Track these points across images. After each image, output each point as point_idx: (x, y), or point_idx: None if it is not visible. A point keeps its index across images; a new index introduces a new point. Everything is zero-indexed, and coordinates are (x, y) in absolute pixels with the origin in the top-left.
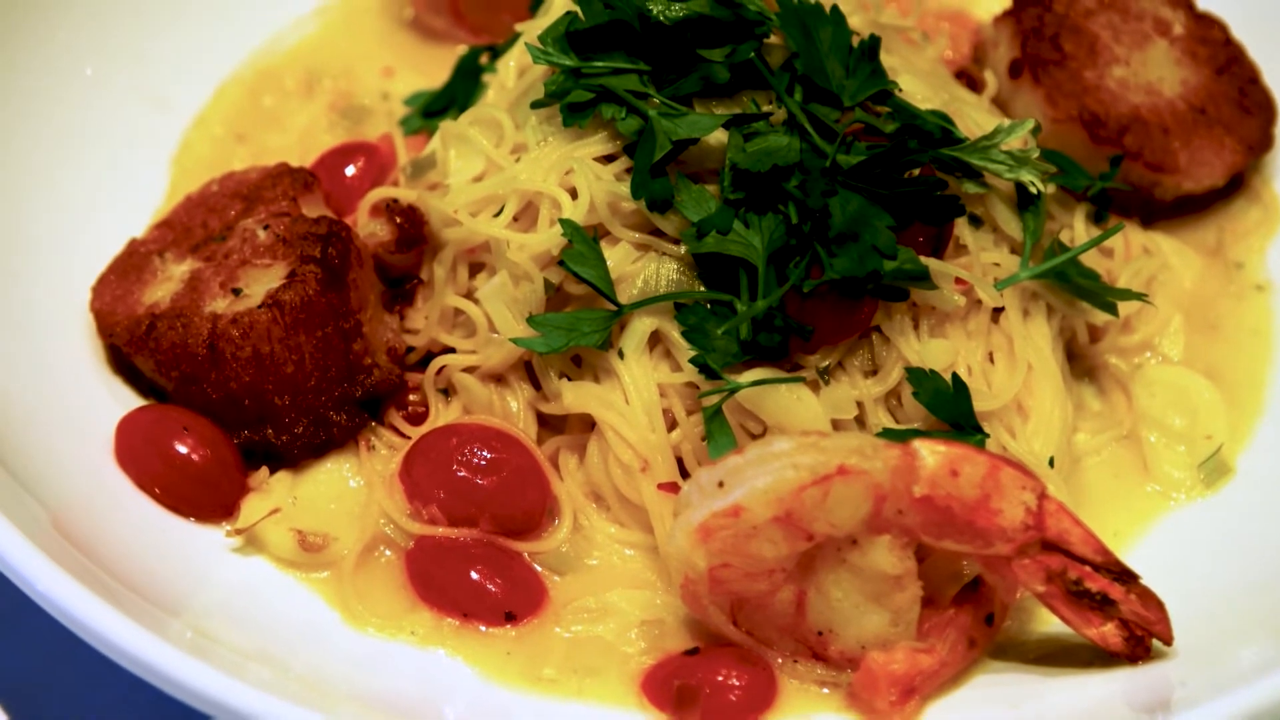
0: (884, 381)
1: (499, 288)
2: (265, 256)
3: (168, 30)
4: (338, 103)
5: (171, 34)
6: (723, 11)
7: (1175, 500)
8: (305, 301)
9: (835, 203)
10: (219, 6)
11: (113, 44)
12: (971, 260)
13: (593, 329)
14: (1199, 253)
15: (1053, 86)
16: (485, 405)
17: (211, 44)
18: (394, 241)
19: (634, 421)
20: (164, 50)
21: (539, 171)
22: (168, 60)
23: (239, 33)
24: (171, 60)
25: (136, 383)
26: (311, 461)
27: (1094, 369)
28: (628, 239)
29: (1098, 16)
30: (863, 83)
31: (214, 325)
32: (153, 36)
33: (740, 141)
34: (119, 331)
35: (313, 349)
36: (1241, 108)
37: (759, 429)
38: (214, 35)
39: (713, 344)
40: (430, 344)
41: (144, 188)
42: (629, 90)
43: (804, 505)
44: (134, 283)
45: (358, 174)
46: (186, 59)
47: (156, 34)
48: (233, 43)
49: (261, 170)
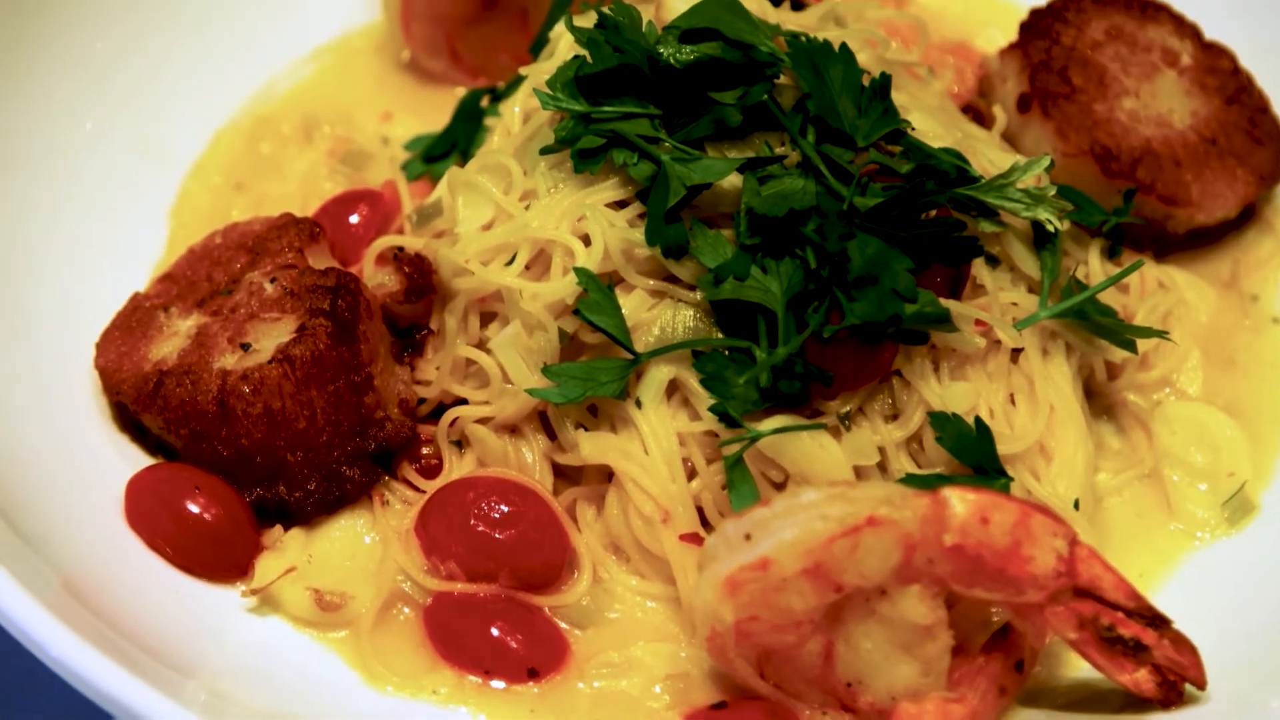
0: (906, 426)
1: (512, 338)
2: (273, 310)
3: (162, 76)
4: (337, 149)
5: (166, 80)
6: (734, 54)
7: (1200, 539)
8: (316, 356)
9: (853, 246)
10: (212, 51)
11: (110, 95)
12: (990, 300)
13: (610, 379)
14: (1213, 285)
15: (1063, 120)
16: (500, 457)
17: (206, 89)
18: (403, 292)
19: (654, 472)
20: (158, 97)
21: (551, 219)
22: (162, 108)
23: (234, 78)
24: (166, 108)
25: (144, 440)
26: (325, 518)
27: (1112, 406)
28: (643, 286)
29: (1105, 48)
30: (876, 122)
31: (224, 382)
32: (147, 83)
33: (755, 185)
34: (125, 389)
35: (324, 404)
36: (1252, 138)
37: (780, 477)
38: (208, 80)
39: (732, 392)
40: (442, 395)
41: (142, 240)
42: (640, 135)
43: (833, 557)
44: (139, 339)
45: (361, 222)
46: (181, 106)
47: (151, 81)
48: (228, 88)
49: (265, 221)
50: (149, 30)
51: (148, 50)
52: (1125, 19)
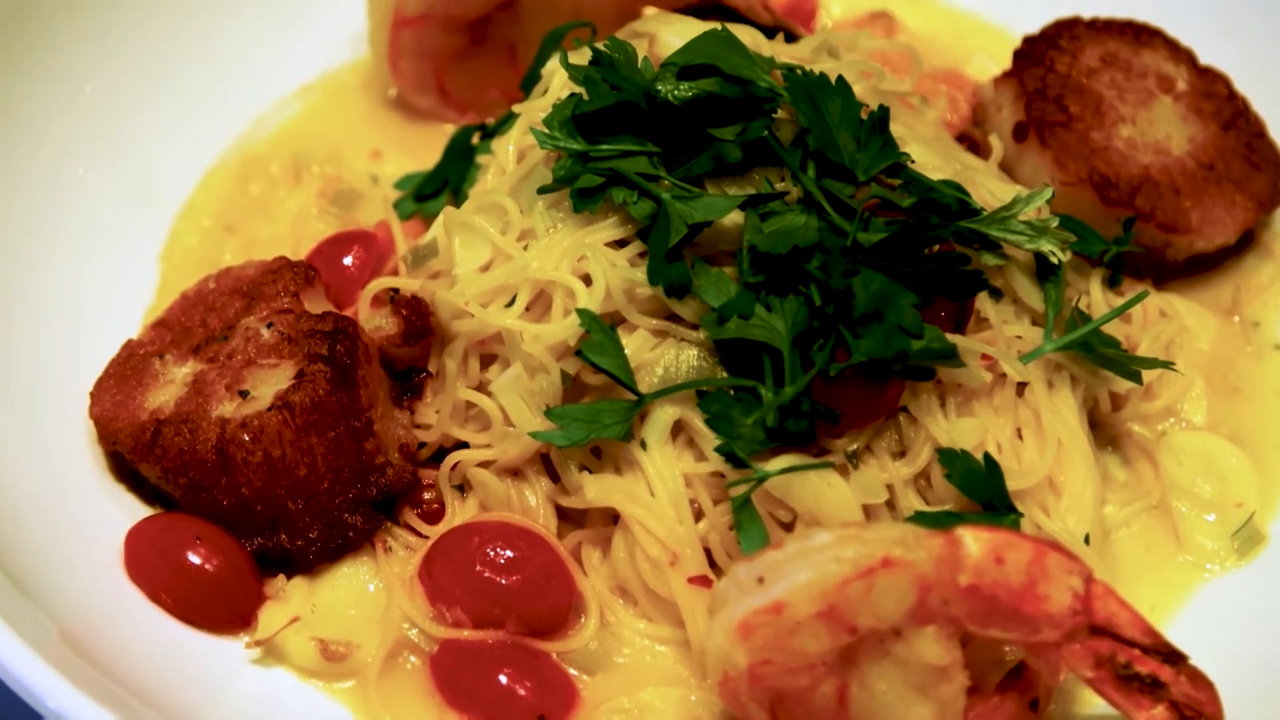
0: (913, 463)
1: (514, 380)
2: (271, 356)
3: (149, 117)
4: (327, 189)
5: (153, 121)
6: (733, 89)
7: (1210, 571)
8: (316, 402)
9: (858, 282)
10: (198, 90)
11: (99, 138)
12: (995, 334)
13: (614, 420)
14: (1214, 313)
15: (1060, 149)
16: (503, 500)
17: (193, 130)
18: (400, 335)
19: (661, 514)
20: (146, 139)
21: (551, 259)
22: (150, 149)
23: (221, 117)
24: (154, 149)
25: (141, 490)
26: (327, 566)
27: (1117, 437)
28: (645, 326)
29: (1101, 75)
30: (875, 156)
31: (223, 430)
32: (135, 125)
33: (757, 222)
34: (122, 439)
35: (325, 450)
36: (1250, 163)
37: (788, 517)
38: (195, 120)
39: (738, 431)
40: (442, 439)
41: (133, 284)
42: (639, 173)
43: (848, 599)
44: (134, 387)
45: (356, 264)
46: (169, 147)
47: (139, 122)
48: (215, 128)
49: (259, 265)
50: (135, 70)
51: (135, 91)
52: (1120, 45)
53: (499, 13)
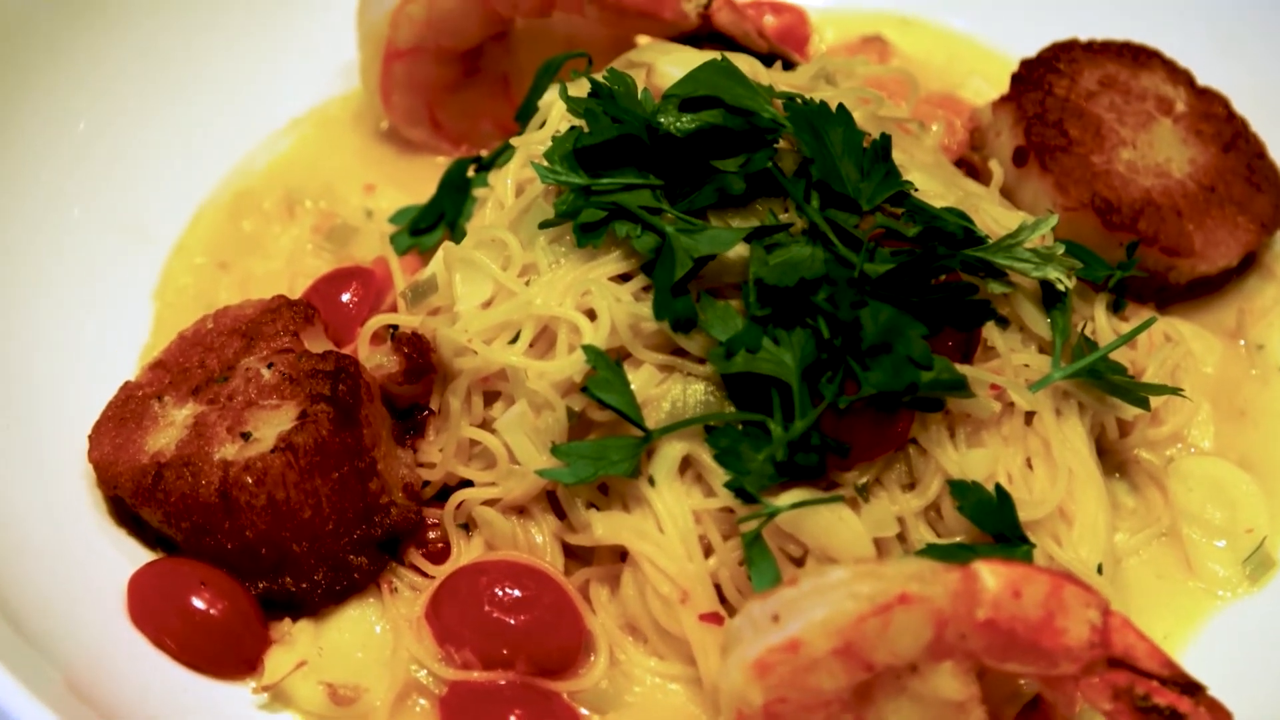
0: (924, 495)
1: (519, 417)
2: (272, 397)
3: (140, 154)
4: (321, 224)
5: (144, 158)
6: (736, 121)
7: (1222, 598)
8: (319, 443)
9: (866, 314)
10: (189, 126)
11: (92, 177)
12: (1003, 363)
13: (622, 457)
14: (1218, 336)
15: (1061, 174)
16: (509, 539)
17: (184, 166)
18: (402, 373)
19: (671, 551)
20: (137, 176)
21: (554, 295)
22: (142, 187)
23: (212, 153)
24: (145, 186)
25: (143, 534)
26: (333, 608)
27: (1124, 464)
28: (651, 361)
29: (1100, 98)
30: (879, 185)
31: (225, 473)
32: (126, 162)
33: (762, 254)
34: (123, 483)
35: (329, 492)
36: (1251, 184)
37: (799, 552)
38: (186, 156)
39: (748, 466)
40: (446, 477)
41: (128, 325)
42: (642, 206)
43: (864, 636)
44: (134, 430)
45: (354, 300)
46: (160, 184)
47: (129, 159)
48: (206, 164)
49: (257, 304)
50: (126, 108)
51: (126, 129)
52: (1118, 67)
53: (491, 43)
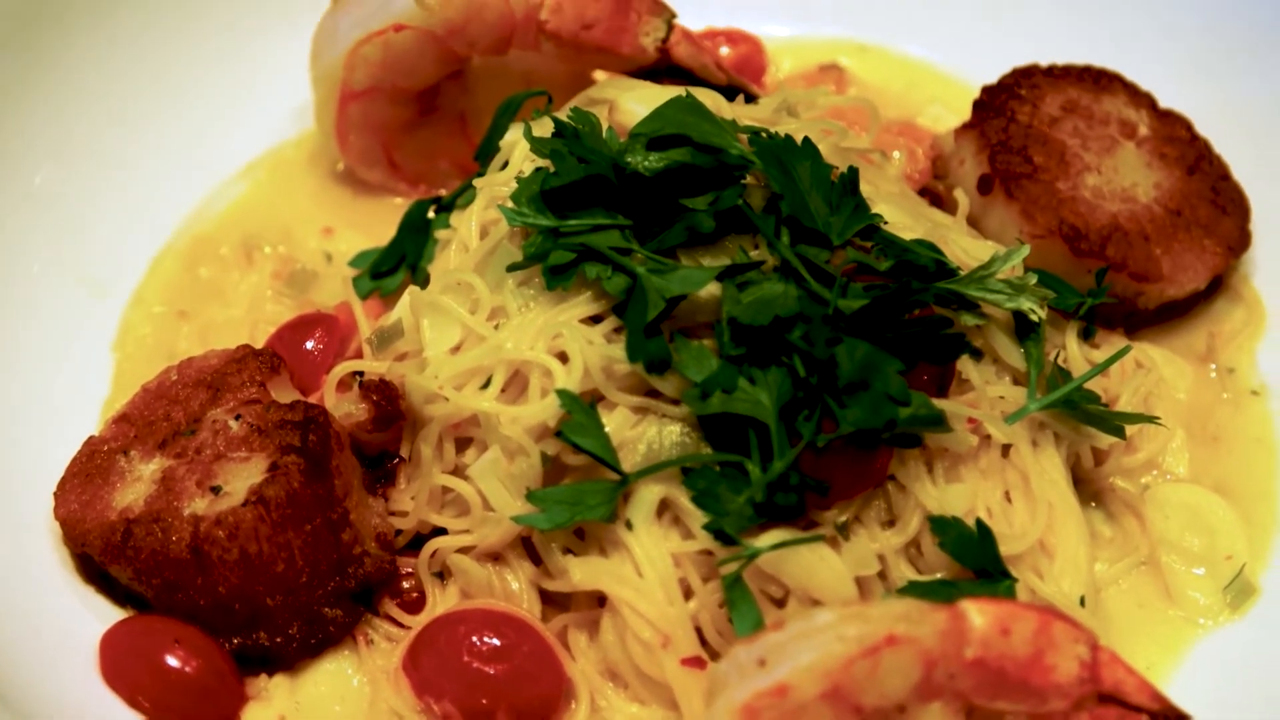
0: (904, 532)
1: (492, 464)
2: (241, 449)
3: (94, 205)
4: (281, 270)
5: (98, 208)
6: (704, 158)
7: (1204, 626)
8: (291, 495)
9: (842, 351)
10: (142, 173)
11: (51, 232)
12: (978, 395)
13: (599, 501)
14: (1189, 361)
15: (1028, 201)
16: (484, 587)
17: (139, 215)
18: (371, 421)
19: (650, 596)
20: (92, 227)
21: (525, 338)
22: (96, 237)
23: (166, 201)
24: (100, 237)
25: (112, 591)
26: (309, 662)
27: (1100, 493)
28: (625, 403)
29: (1063, 124)
30: (848, 219)
31: (196, 528)
32: (81, 214)
33: (735, 293)
34: (91, 540)
35: (302, 544)
36: (1216, 206)
37: (780, 593)
38: (141, 205)
39: (726, 508)
40: (419, 525)
41: (88, 378)
42: (612, 247)
43: (853, 678)
44: (100, 486)
45: (318, 348)
46: (115, 233)
47: (84, 211)
48: (160, 211)
49: (222, 355)
50: (80, 158)
51: (81, 180)
52: (1080, 92)
53: (447, 82)
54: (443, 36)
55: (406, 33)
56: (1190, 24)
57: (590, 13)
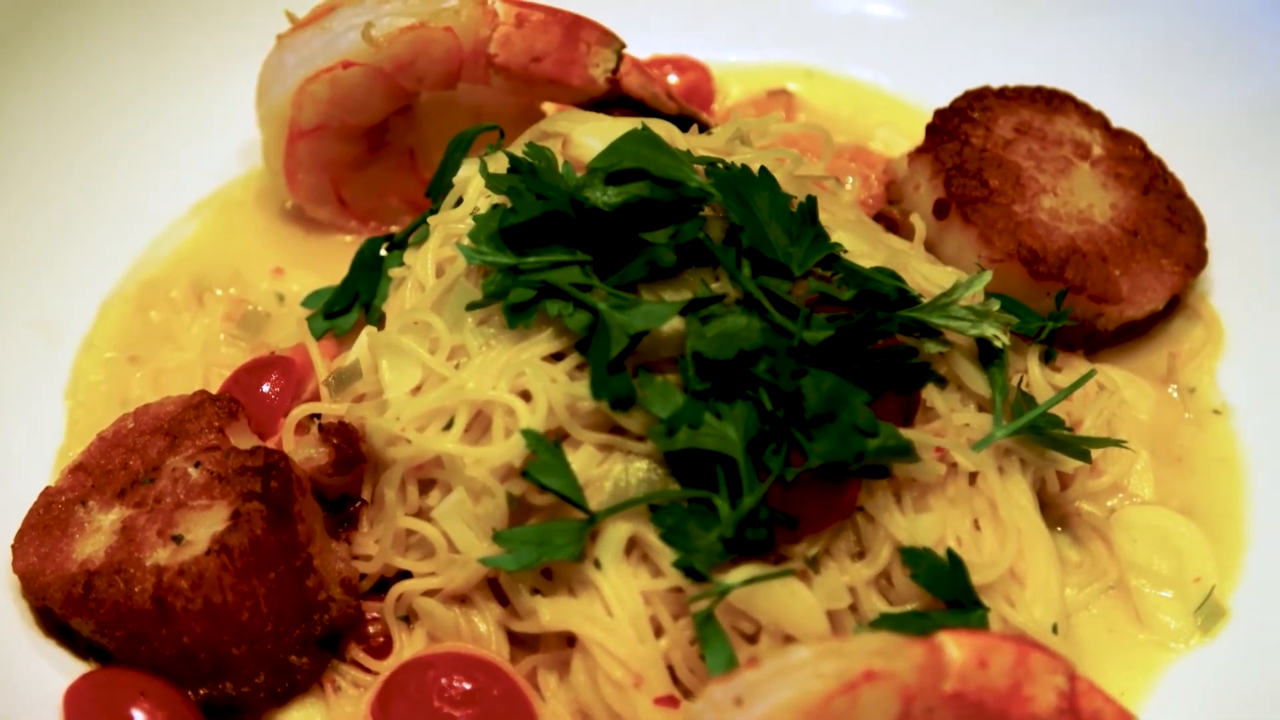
0: (874, 563)
1: (457, 505)
2: (202, 497)
3: (41, 250)
4: (233, 312)
5: (45, 253)
6: (663, 192)
7: (1175, 650)
8: (254, 542)
9: (808, 383)
10: (87, 217)
11: None
12: (944, 423)
13: (566, 541)
14: (1150, 381)
15: (985, 225)
16: (451, 629)
17: (86, 260)
18: (332, 464)
19: (621, 635)
20: (38, 275)
21: (487, 378)
22: (45, 284)
23: (113, 245)
24: (48, 283)
25: (73, 644)
26: (277, 710)
27: (1066, 517)
28: (590, 441)
29: (1017, 146)
30: (809, 249)
31: (159, 578)
32: (27, 262)
33: (699, 327)
34: (51, 593)
35: (267, 592)
36: (1173, 225)
37: (752, 629)
38: (88, 249)
39: (696, 544)
40: (384, 569)
41: (41, 427)
42: (573, 283)
43: (832, 715)
44: (59, 538)
45: (274, 391)
46: (62, 280)
47: (29, 259)
48: (108, 256)
49: (178, 401)
50: (23, 204)
51: (25, 226)
52: (1032, 113)
53: (396, 118)
54: (391, 72)
55: (354, 69)
56: (1133, 43)
57: (539, 45)
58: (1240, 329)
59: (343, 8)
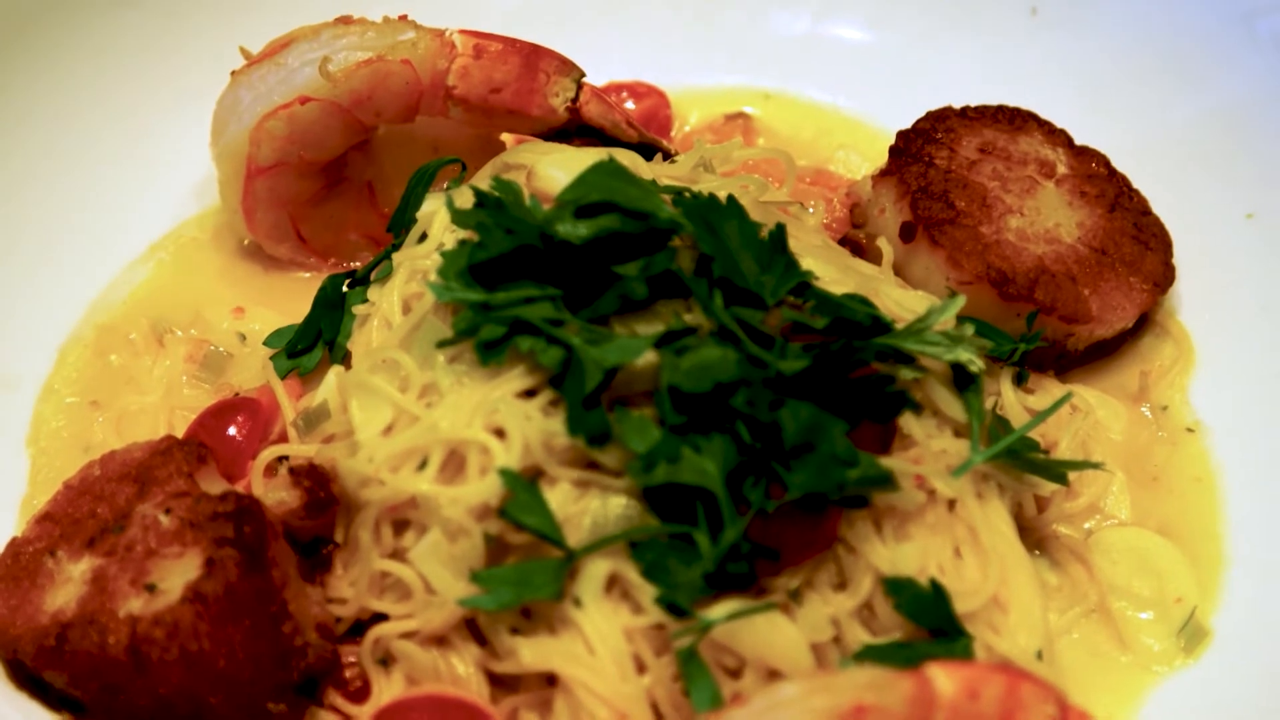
0: (856, 594)
1: (434, 546)
2: (174, 544)
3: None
4: (194, 353)
5: None
6: (634, 224)
7: (1159, 672)
8: (229, 589)
9: (785, 414)
10: (42, 261)
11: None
12: (921, 450)
13: (545, 580)
14: (1122, 400)
15: (953, 247)
16: (430, 671)
17: (43, 304)
18: (304, 507)
19: (604, 673)
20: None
21: (461, 416)
22: (2, 329)
23: (69, 288)
24: (5, 329)
25: (45, 696)
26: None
27: (1043, 540)
28: (566, 478)
29: (982, 166)
30: (780, 277)
31: (134, 629)
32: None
33: (674, 360)
34: (23, 646)
35: (243, 639)
36: (1140, 242)
37: (735, 663)
38: (44, 294)
39: (677, 580)
40: (359, 612)
41: (4, 477)
42: (544, 318)
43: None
44: (29, 589)
45: (241, 434)
46: (20, 325)
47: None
48: (64, 300)
49: (146, 447)
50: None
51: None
52: (996, 133)
53: (353, 152)
54: (349, 107)
55: (312, 105)
56: (1091, 61)
57: (498, 76)
58: (1209, 345)
59: (298, 42)
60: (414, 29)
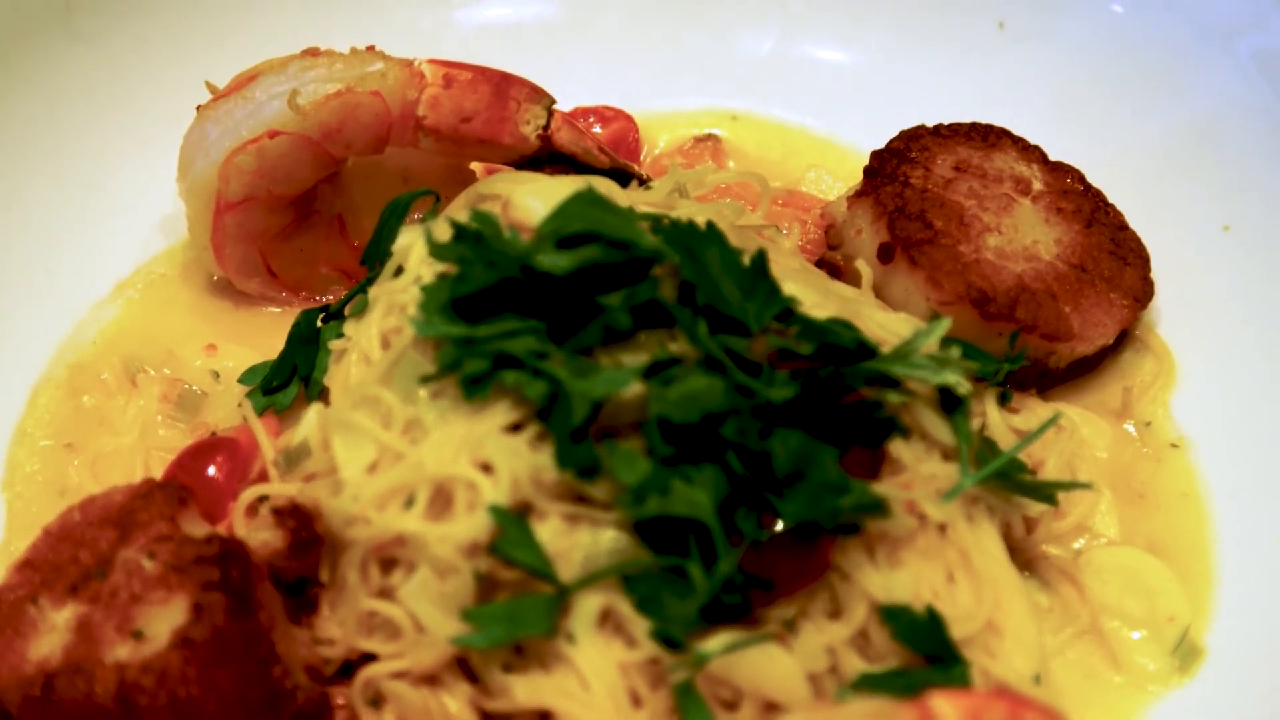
0: (850, 622)
1: (422, 585)
2: (159, 589)
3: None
4: (168, 393)
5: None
6: (616, 254)
7: (1154, 692)
8: (217, 634)
9: (775, 442)
10: (8, 303)
11: None
12: (911, 475)
13: (537, 616)
14: (1105, 418)
15: (932, 267)
16: (422, 711)
17: (12, 345)
18: (288, 548)
19: (599, 708)
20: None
21: (447, 452)
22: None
23: (38, 328)
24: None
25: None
26: None
27: (1032, 561)
28: (556, 512)
29: (958, 185)
30: (764, 304)
31: (121, 676)
32: None
33: (661, 390)
34: (9, 695)
35: (232, 683)
36: (1118, 258)
37: (732, 696)
38: (11, 335)
39: (670, 613)
40: (348, 652)
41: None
42: (529, 351)
43: None
44: (12, 638)
45: (221, 475)
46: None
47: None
48: (34, 340)
49: (126, 490)
50: None
51: None
52: (970, 151)
53: (323, 184)
54: (319, 140)
55: (281, 139)
56: (1062, 76)
57: (468, 105)
58: (1189, 359)
59: (265, 75)
60: (382, 60)
